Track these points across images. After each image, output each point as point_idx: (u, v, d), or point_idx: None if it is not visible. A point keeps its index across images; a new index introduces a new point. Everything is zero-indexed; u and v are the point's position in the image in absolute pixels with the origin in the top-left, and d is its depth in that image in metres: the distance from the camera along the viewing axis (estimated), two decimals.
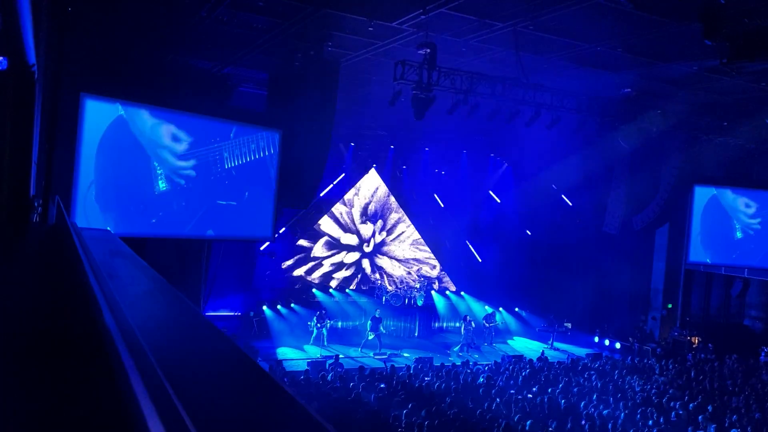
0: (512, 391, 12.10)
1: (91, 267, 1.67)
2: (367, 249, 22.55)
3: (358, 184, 22.23)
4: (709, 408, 11.62)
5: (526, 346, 19.68)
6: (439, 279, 23.58)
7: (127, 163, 13.45)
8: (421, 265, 23.34)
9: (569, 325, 20.77)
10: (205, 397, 0.97)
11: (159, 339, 1.20)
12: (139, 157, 13.52)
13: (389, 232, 23.04)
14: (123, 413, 0.76)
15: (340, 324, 18.85)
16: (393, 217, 23.06)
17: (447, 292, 22.71)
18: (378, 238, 22.76)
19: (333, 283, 21.54)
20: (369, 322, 17.94)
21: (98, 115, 12.75)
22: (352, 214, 22.28)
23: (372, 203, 22.61)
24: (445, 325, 21.64)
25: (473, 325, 18.79)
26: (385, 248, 22.97)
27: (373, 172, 22.41)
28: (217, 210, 14.91)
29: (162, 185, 13.90)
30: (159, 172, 13.84)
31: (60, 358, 1.17)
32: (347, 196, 22.08)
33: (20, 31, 3.52)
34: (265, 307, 18.43)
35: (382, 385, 11.62)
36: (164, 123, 13.79)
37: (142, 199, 13.82)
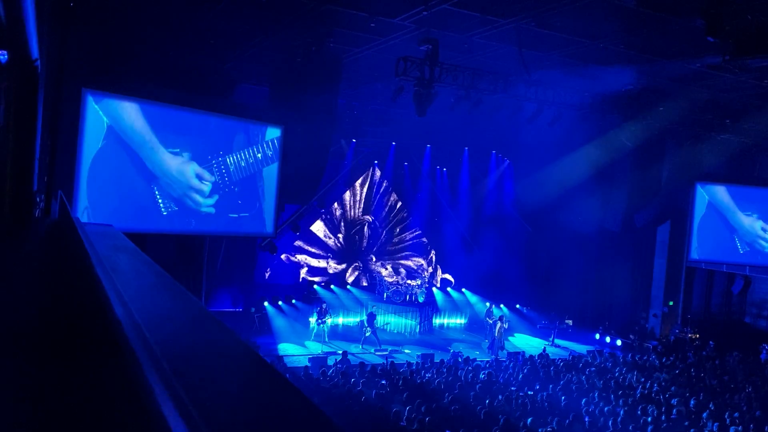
0: (513, 388, 12.10)
1: (97, 262, 1.67)
2: (368, 245, 22.55)
3: (359, 181, 22.22)
4: (711, 406, 11.61)
5: (528, 343, 19.67)
6: (431, 275, 23.57)
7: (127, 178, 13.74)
8: (421, 261, 23.34)
9: (570, 322, 20.76)
10: (213, 390, 0.97)
11: (166, 332, 1.21)
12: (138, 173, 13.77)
13: (390, 228, 23.03)
14: (141, 407, 0.76)
15: (341, 320, 18.83)
16: (394, 213, 23.05)
17: (448, 289, 22.72)
18: (379, 234, 22.76)
19: (333, 278, 21.54)
20: (365, 317, 17.95)
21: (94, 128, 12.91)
22: (353, 211, 22.27)
23: (373, 200, 22.59)
24: (446, 321, 21.65)
25: (507, 325, 18.45)
26: (386, 243, 22.96)
27: (374, 168, 22.39)
28: (220, 208, 14.92)
29: (173, 206, 14.16)
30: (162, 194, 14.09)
31: (75, 351, 1.18)
32: (348, 192, 22.07)
33: (23, 25, 3.52)
34: (266, 303, 18.43)
35: (383, 381, 11.63)
36: (169, 133, 13.94)
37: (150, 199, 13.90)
